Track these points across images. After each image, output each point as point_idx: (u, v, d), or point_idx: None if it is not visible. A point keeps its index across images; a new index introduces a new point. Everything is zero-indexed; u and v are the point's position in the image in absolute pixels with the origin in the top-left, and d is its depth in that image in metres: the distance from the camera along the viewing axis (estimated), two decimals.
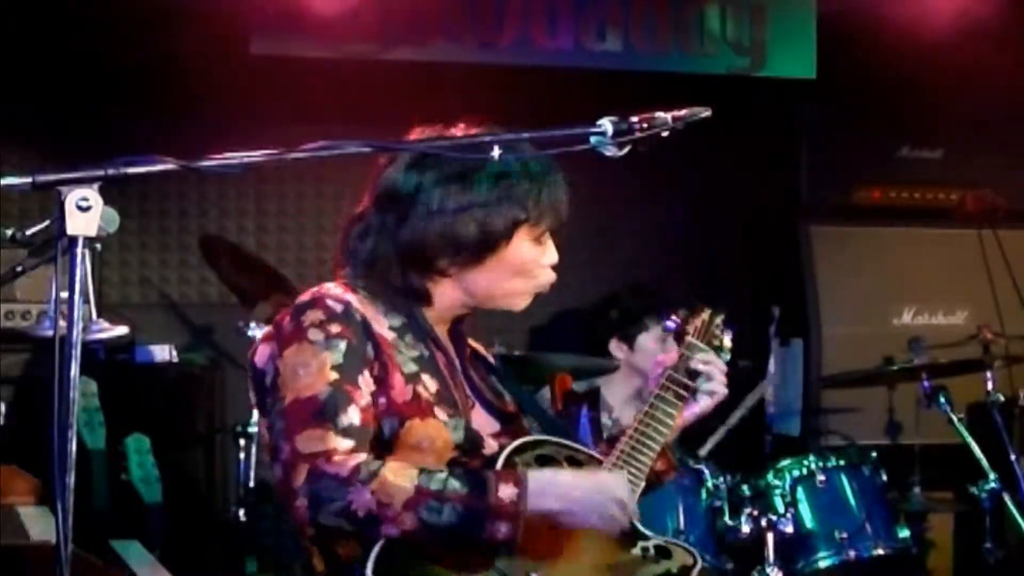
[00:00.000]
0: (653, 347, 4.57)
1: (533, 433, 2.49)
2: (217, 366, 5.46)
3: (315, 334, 2.27)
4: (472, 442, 2.33)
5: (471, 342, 2.62)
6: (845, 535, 4.38)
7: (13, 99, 5.20)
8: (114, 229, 1.91)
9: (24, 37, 5.22)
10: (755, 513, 4.31)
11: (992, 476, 4.63)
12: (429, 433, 2.28)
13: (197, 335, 5.64)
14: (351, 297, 2.35)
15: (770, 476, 4.44)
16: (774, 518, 4.31)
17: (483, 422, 2.42)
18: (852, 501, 4.48)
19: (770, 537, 4.30)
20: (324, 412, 2.21)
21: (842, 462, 4.53)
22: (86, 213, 1.86)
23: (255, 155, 2.07)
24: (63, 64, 5.31)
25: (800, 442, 5.74)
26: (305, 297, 2.36)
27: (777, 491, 4.39)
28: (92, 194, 1.87)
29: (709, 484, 4.32)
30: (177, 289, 5.75)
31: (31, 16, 5.20)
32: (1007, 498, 4.64)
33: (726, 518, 4.30)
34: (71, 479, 1.86)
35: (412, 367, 2.34)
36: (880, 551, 4.43)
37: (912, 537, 4.57)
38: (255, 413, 4.78)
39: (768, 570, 4.28)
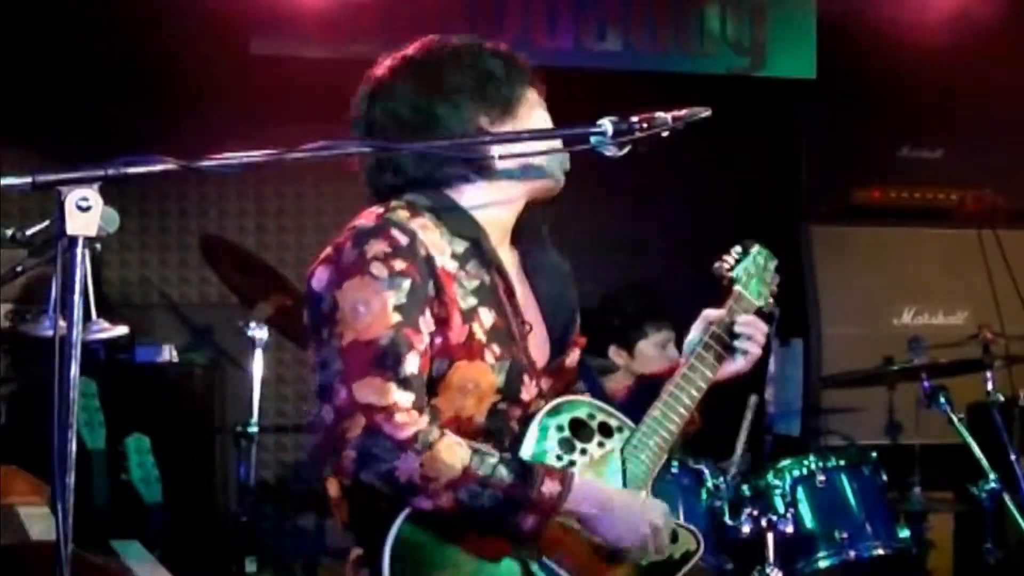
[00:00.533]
0: (653, 353, 4.58)
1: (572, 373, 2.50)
2: (217, 366, 5.47)
3: (379, 269, 2.21)
4: (513, 385, 2.31)
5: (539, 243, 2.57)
6: (845, 535, 4.38)
7: (13, 99, 5.20)
8: (114, 229, 1.91)
9: (24, 37, 5.23)
10: (755, 513, 4.31)
11: (992, 476, 4.62)
12: (474, 376, 2.27)
13: (197, 335, 5.65)
14: (416, 225, 2.29)
15: (770, 476, 4.44)
16: (774, 518, 4.30)
17: (537, 351, 2.41)
18: (852, 501, 4.47)
19: (770, 537, 4.29)
20: (384, 360, 2.16)
21: (842, 462, 4.52)
22: (86, 213, 1.86)
23: (255, 155, 2.07)
24: (63, 64, 5.31)
25: (800, 442, 5.75)
26: (369, 222, 2.28)
27: (777, 491, 4.39)
28: (92, 194, 1.87)
29: (709, 484, 4.31)
30: (177, 289, 5.76)
31: (31, 16, 5.20)
32: (1007, 498, 4.63)
33: (726, 518, 4.30)
34: (71, 479, 1.86)
35: (471, 300, 2.30)
36: (880, 551, 4.42)
37: (912, 537, 4.56)
38: (255, 413, 4.80)
39: (768, 570, 4.27)
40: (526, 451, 2.30)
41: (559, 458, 2.33)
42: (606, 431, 2.42)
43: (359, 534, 2.30)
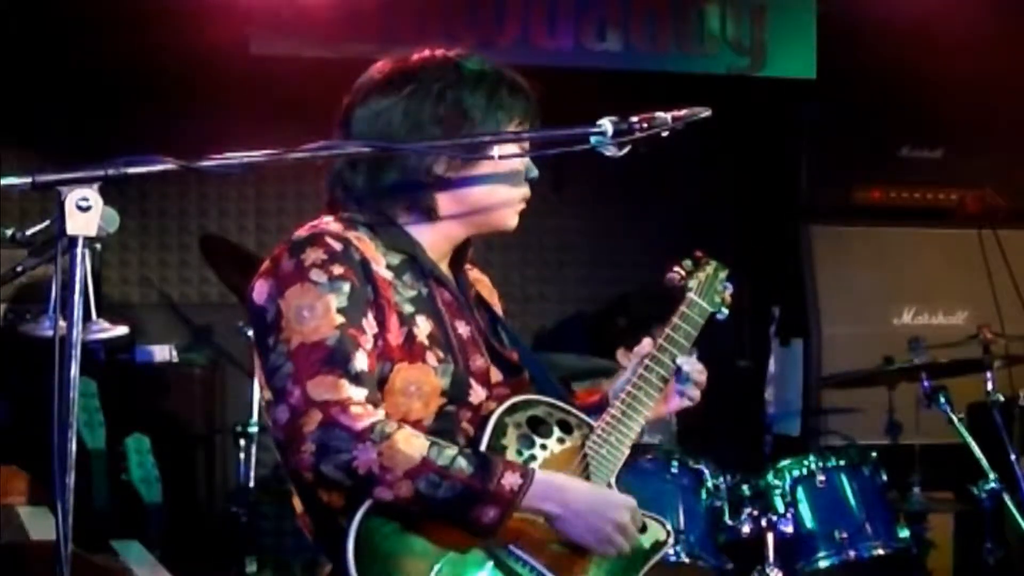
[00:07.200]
0: None
1: (531, 387, 2.47)
2: (217, 366, 5.47)
3: (318, 275, 2.23)
4: (459, 388, 2.31)
5: (476, 277, 2.58)
6: (845, 535, 4.38)
7: (13, 99, 5.20)
8: (114, 229, 1.91)
9: (24, 37, 5.23)
10: (755, 513, 4.31)
11: (992, 476, 4.62)
12: (417, 377, 2.27)
13: (197, 335, 5.65)
14: (350, 235, 2.32)
15: (770, 476, 4.44)
16: (774, 518, 4.30)
17: (483, 366, 2.39)
18: (852, 501, 4.47)
19: (770, 537, 4.29)
20: (334, 358, 2.18)
21: (842, 462, 4.53)
22: (86, 213, 1.86)
23: (255, 155, 2.08)
24: (63, 64, 5.31)
25: (800, 442, 5.75)
26: (303, 233, 2.32)
27: (777, 491, 4.39)
28: (92, 194, 1.87)
29: (709, 484, 4.32)
30: (177, 289, 5.76)
31: (31, 16, 5.20)
32: (1007, 498, 4.63)
33: (726, 518, 4.30)
34: (71, 479, 1.86)
35: (408, 308, 2.31)
36: (880, 551, 4.43)
37: (912, 537, 4.56)
38: (255, 413, 4.80)
39: (768, 570, 4.27)
40: (483, 448, 2.29)
41: (519, 453, 2.32)
42: (565, 428, 2.41)
43: (326, 545, 2.29)
